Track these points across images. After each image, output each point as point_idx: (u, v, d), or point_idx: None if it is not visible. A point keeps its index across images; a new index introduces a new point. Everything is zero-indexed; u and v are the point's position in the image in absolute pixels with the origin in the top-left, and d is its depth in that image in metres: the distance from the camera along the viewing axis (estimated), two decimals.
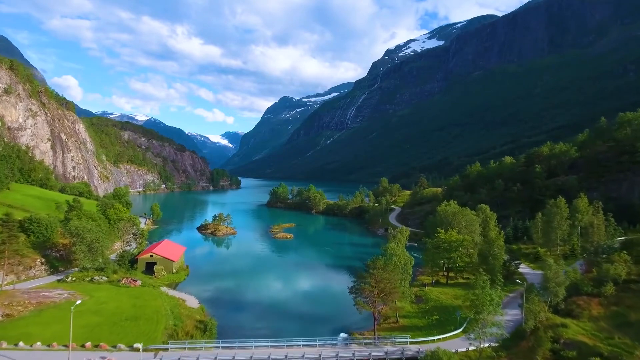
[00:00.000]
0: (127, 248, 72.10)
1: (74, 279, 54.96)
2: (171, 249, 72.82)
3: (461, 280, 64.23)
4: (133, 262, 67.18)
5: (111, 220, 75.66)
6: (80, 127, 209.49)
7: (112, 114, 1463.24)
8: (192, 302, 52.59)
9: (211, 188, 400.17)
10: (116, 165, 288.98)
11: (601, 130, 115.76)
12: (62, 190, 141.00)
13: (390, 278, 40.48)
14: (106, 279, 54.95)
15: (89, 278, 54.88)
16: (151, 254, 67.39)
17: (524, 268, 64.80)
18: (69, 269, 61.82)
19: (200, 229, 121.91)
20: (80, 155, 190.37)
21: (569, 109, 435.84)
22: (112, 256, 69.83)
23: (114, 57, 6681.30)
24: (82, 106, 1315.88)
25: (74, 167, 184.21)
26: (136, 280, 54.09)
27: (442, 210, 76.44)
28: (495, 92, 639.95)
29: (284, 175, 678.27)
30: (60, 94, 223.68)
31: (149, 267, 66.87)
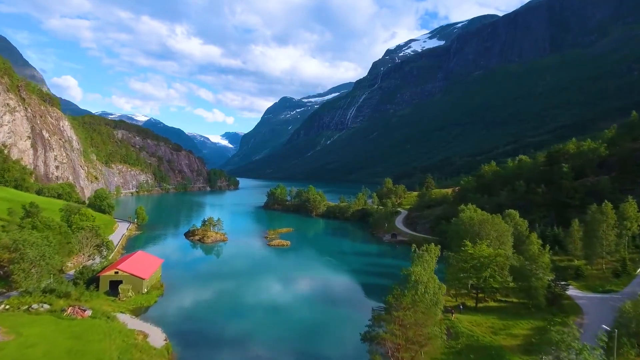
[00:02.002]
0: (90, 263, 60.57)
1: (7, 307, 43.33)
2: (143, 263, 61.16)
3: (492, 304, 52.60)
4: (94, 280, 55.66)
5: (74, 228, 63.90)
6: (65, 124, 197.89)
7: (111, 114, 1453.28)
8: (157, 337, 41.02)
9: (208, 189, 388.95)
10: (107, 165, 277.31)
11: (631, 126, 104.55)
12: (39, 192, 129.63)
13: (422, 322, 28.95)
14: (48, 307, 43.37)
15: (26, 306, 43.28)
16: (116, 270, 55.74)
17: (570, 289, 53.23)
18: (12, 291, 50.20)
19: (188, 234, 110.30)
20: (64, 155, 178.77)
21: (570, 109, 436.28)
22: (70, 273, 58.41)
23: (114, 57, 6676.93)
24: (82, 106, 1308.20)
25: (57, 167, 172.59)
26: (85, 310, 42.53)
27: (466, 218, 64.64)
28: (496, 92, 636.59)
29: (284, 176, 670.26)
30: (60, 95, 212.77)
31: (114, 287, 55.30)
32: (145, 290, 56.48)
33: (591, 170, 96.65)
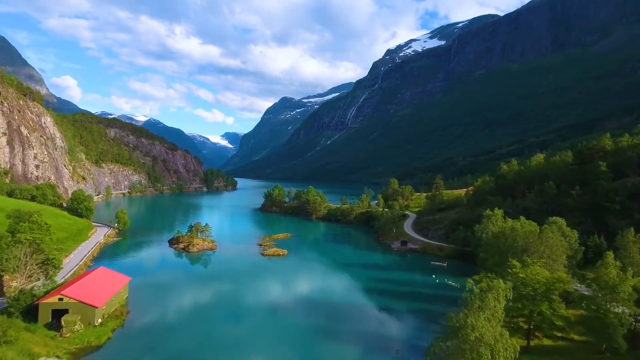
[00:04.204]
0: (36, 285, 48.28)
1: None
2: (100, 284, 48.88)
3: (547, 342, 40.48)
4: (33, 309, 43.46)
5: (10, 242, 51.14)
6: (48, 120, 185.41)
7: (111, 114, 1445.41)
8: None
9: (205, 189, 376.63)
10: (98, 164, 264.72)
11: None
12: (10, 194, 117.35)
13: None
14: None
15: None
16: (60, 296, 43.49)
17: None
18: None
19: (172, 242, 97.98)
20: (46, 153, 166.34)
21: (574, 109, 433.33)
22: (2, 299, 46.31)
23: (113, 57, 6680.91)
24: (82, 106, 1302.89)
25: (37, 166, 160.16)
26: None
27: (507, 229, 51.96)
28: (498, 92, 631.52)
29: (284, 176, 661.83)
30: (59, 95, 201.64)
31: (59, 317, 43.07)
32: (99, 321, 44.22)
33: (631, 170, 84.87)
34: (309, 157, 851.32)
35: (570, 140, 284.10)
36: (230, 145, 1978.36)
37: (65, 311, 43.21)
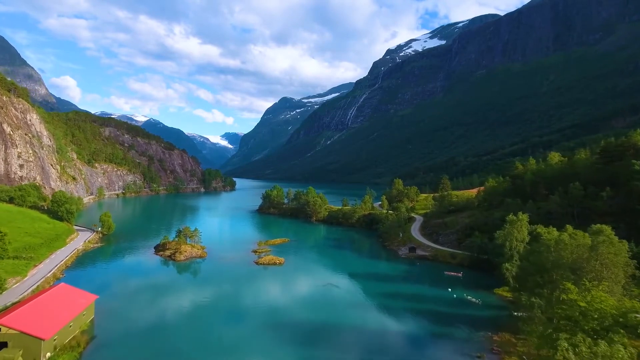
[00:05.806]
0: None
1: None
2: (53, 308, 40.24)
3: None
4: None
5: None
6: (34, 117, 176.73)
7: (111, 114, 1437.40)
8: None
9: (202, 190, 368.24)
10: (90, 164, 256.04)
11: None
12: None
13: None
14: None
15: None
16: None
17: None
18: None
19: (158, 248, 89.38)
20: (31, 152, 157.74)
21: (577, 108, 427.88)
22: None
23: (112, 57, 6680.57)
24: (81, 106, 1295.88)
25: (21, 166, 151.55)
26: None
27: (553, 242, 42.27)
28: (500, 92, 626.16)
29: (284, 176, 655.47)
30: (59, 95, 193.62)
31: None
32: (48, 355, 35.71)
33: None
34: (308, 158, 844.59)
35: (574, 140, 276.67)
36: (230, 146, 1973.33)
37: (4, 344, 34.72)
